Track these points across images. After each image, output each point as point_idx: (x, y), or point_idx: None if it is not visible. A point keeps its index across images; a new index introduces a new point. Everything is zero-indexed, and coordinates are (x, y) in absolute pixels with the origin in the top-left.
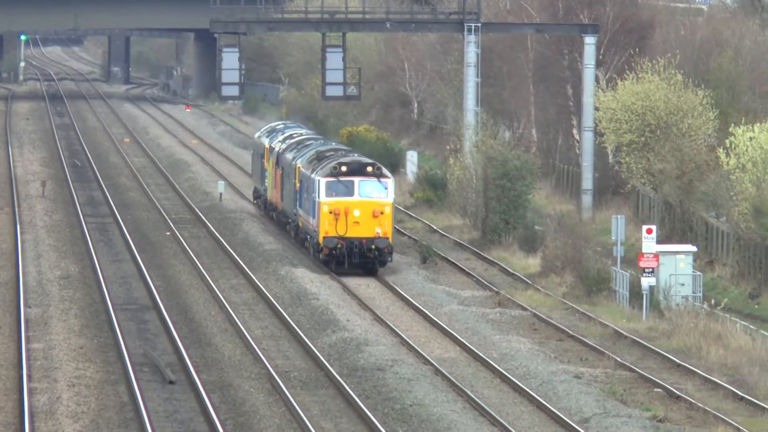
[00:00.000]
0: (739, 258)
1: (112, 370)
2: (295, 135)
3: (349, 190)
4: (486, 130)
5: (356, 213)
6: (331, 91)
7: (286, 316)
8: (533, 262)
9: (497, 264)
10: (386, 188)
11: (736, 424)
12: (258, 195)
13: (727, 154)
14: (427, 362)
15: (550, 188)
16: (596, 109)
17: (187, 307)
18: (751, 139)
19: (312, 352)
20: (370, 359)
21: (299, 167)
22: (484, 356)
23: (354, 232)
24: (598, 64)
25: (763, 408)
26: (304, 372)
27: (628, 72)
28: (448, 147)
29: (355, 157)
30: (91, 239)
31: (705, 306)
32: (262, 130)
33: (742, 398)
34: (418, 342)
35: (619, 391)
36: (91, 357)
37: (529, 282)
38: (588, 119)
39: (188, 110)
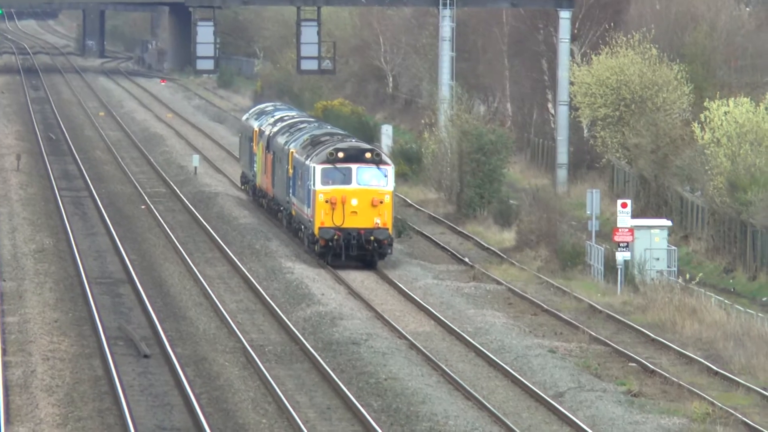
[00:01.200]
0: (713, 232)
1: (86, 344)
2: (286, 117)
3: (346, 178)
4: (461, 105)
5: (354, 202)
6: (306, 65)
7: (261, 290)
8: (508, 237)
9: (472, 238)
10: (386, 176)
11: (711, 399)
12: (246, 180)
13: (702, 129)
14: (401, 336)
15: (525, 162)
16: (571, 83)
17: (162, 281)
18: (725, 113)
19: (287, 326)
20: (344, 333)
21: (292, 152)
22: (458, 330)
23: (351, 223)
24: (573, 38)
25: (738, 382)
26: (278, 346)
27: (603, 46)
28: (423, 121)
29: (353, 142)
30: (66, 213)
31: (680, 280)
32: (250, 112)
33: (716, 373)
34: (393, 316)
35: (593, 365)
36: (66, 330)
37: (504, 256)
38: (563, 93)
39: (163, 84)
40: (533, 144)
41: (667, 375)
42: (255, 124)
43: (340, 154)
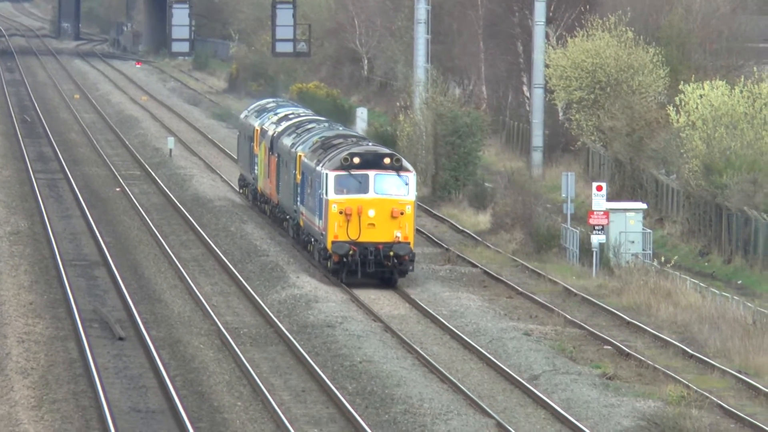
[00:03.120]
0: (689, 215)
1: (61, 326)
2: (291, 116)
3: (362, 186)
4: (436, 87)
5: (371, 213)
6: (281, 47)
7: (236, 273)
8: (483, 219)
9: (447, 221)
10: (407, 184)
11: (686, 382)
12: (245, 183)
13: (678, 112)
14: (376, 319)
15: (500, 145)
16: (546, 66)
17: (137, 264)
18: (701, 96)
19: (261, 309)
20: (319, 316)
21: (301, 156)
22: (433, 313)
23: (368, 237)
24: (549, 21)
25: (713, 365)
26: (253, 328)
27: (578, 29)
28: (398, 104)
29: (370, 146)
30: (41, 195)
31: (655, 263)
32: (250, 109)
33: (691, 356)
34: (368, 299)
35: (568, 348)
36: (41, 313)
37: (479, 239)
38: (538, 76)
39: (138, 66)
40: (508, 127)
41: (642, 358)
42: (256, 123)
43: (356, 160)
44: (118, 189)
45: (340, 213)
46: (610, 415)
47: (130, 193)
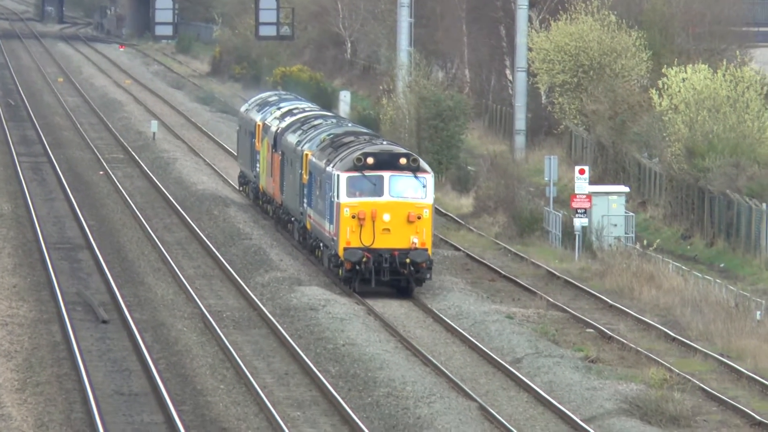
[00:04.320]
0: (671, 199)
1: (45, 309)
2: (296, 110)
3: (377, 189)
4: (419, 71)
5: (386, 218)
6: (264, 31)
7: (219, 256)
8: (466, 203)
9: None
10: (424, 186)
11: (668, 365)
12: (245, 181)
13: (660, 95)
14: (359, 302)
15: (483, 128)
16: (529, 49)
17: (120, 247)
18: (683, 80)
19: (245, 292)
20: (302, 299)
21: (308, 155)
22: (416, 296)
23: (383, 243)
24: (532, 4)
25: (695, 348)
26: (236, 311)
27: (561, 13)
28: (381, 87)
29: (384, 144)
30: (24, 178)
31: (637, 247)
32: (250, 103)
33: (674, 339)
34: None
35: (551, 331)
36: (24, 296)
37: (462, 222)
38: (521, 60)
39: (122, 50)
40: (491, 110)
41: (625, 341)
42: (257, 117)
43: (370, 160)
44: (101, 172)
45: (353, 217)
46: (592, 398)
47: (113, 176)
